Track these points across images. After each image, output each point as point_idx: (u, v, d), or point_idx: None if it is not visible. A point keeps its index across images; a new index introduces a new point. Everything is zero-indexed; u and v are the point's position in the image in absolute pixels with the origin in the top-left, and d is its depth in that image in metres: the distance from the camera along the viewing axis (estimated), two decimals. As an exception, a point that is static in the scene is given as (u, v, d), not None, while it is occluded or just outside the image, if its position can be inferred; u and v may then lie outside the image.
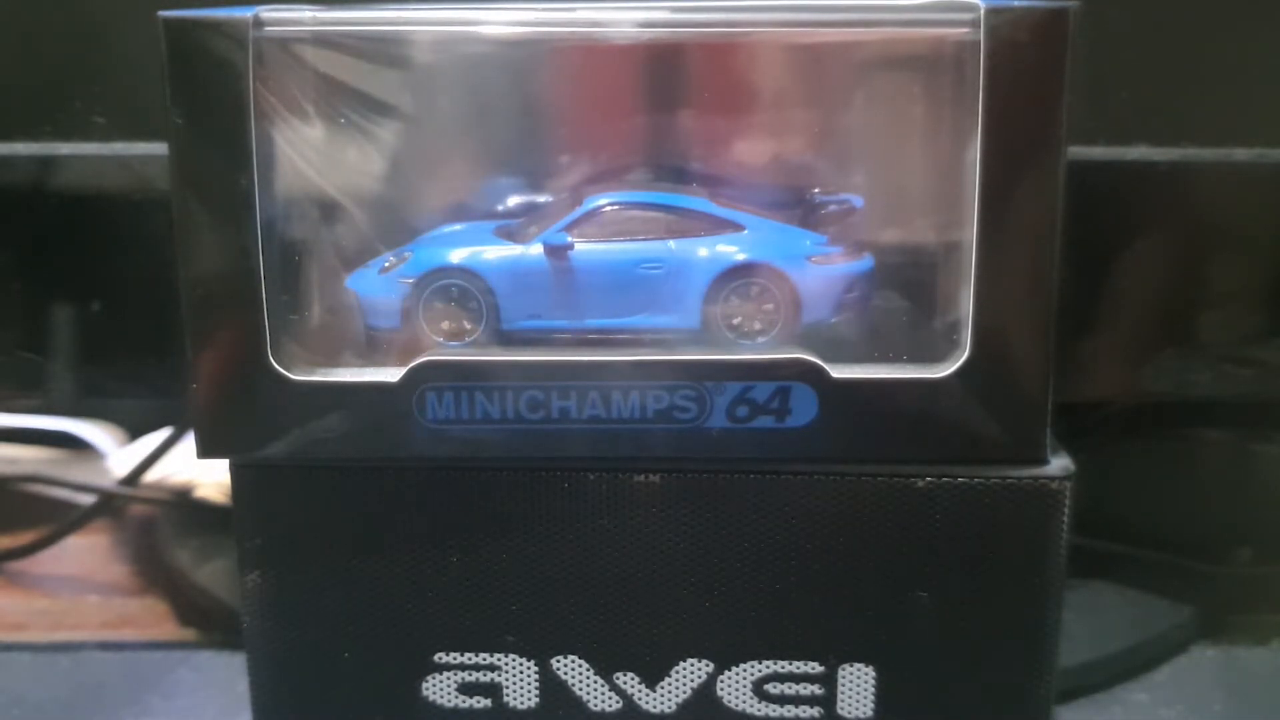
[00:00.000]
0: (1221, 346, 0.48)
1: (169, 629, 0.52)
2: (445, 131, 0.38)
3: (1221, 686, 0.46)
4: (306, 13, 0.33)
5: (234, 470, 0.36)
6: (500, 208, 0.39)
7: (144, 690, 0.46)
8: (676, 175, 0.37)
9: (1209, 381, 0.48)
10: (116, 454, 0.62)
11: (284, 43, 0.33)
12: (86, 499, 0.58)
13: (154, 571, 0.56)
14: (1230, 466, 0.52)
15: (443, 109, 0.37)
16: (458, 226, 0.38)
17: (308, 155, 0.35)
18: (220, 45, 0.32)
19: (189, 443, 0.55)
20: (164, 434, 0.56)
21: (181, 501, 0.56)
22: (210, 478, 0.56)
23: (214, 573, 0.52)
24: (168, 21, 0.32)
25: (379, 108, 0.36)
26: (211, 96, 0.33)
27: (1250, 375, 0.46)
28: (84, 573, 0.57)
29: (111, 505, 0.58)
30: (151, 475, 0.56)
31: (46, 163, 0.44)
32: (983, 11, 0.32)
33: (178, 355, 0.55)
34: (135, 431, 0.65)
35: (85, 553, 0.58)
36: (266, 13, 0.33)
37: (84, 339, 0.55)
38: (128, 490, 0.56)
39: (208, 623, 0.51)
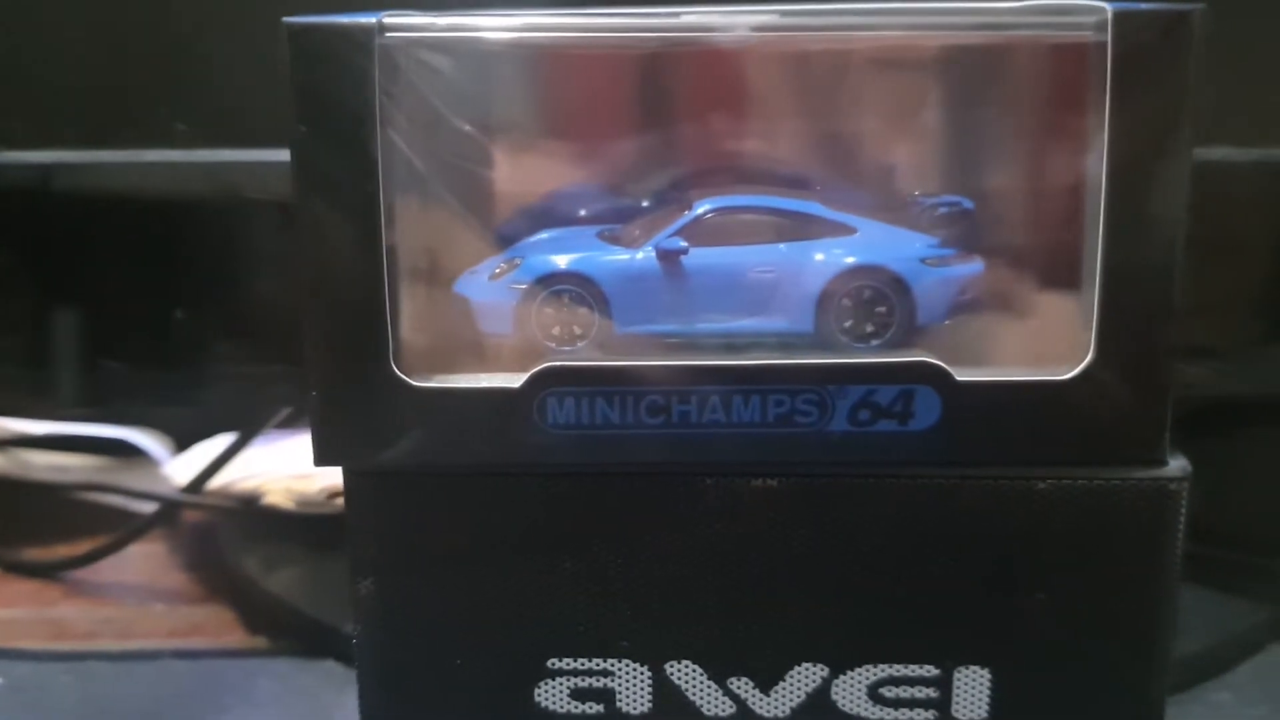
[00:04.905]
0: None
1: (238, 637, 0.51)
2: (557, 136, 0.37)
3: (1304, 686, 0.46)
4: (428, 18, 0.33)
5: (348, 478, 0.35)
6: (583, 212, 0.39)
7: (229, 699, 0.46)
8: (781, 179, 0.37)
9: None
10: (172, 461, 0.62)
11: (407, 48, 0.33)
12: (141, 506, 0.57)
13: (217, 579, 0.56)
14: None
15: (554, 114, 0.37)
16: (559, 231, 0.38)
17: (426, 159, 0.35)
18: (345, 51, 0.32)
19: (253, 449, 0.55)
20: (224, 441, 0.55)
21: (249, 509, 0.56)
22: (277, 485, 0.56)
23: (286, 580, 0.52)
24: (291, 28, 0.32)
25: (495, 113, 0.36)
26: (336, 103, 0.32)
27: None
28: (146, 580, 0.57)
29: (172, 513, 0.58)
30: (213, 483, 0.56)
31: (131, 170, 0.44)
32: (1110, 14, 0.32)
33: (229, 362, 0.55)
34: (180, 439, 0.65)
35: (144, 560, 0.58)
36: (390, 18, 0.33)
37: (144, 347, 0.55)
38: (192, 498, 0.55)
39: (279, 631, 0.51)
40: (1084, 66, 0.33)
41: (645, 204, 0.38)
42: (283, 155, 0.33)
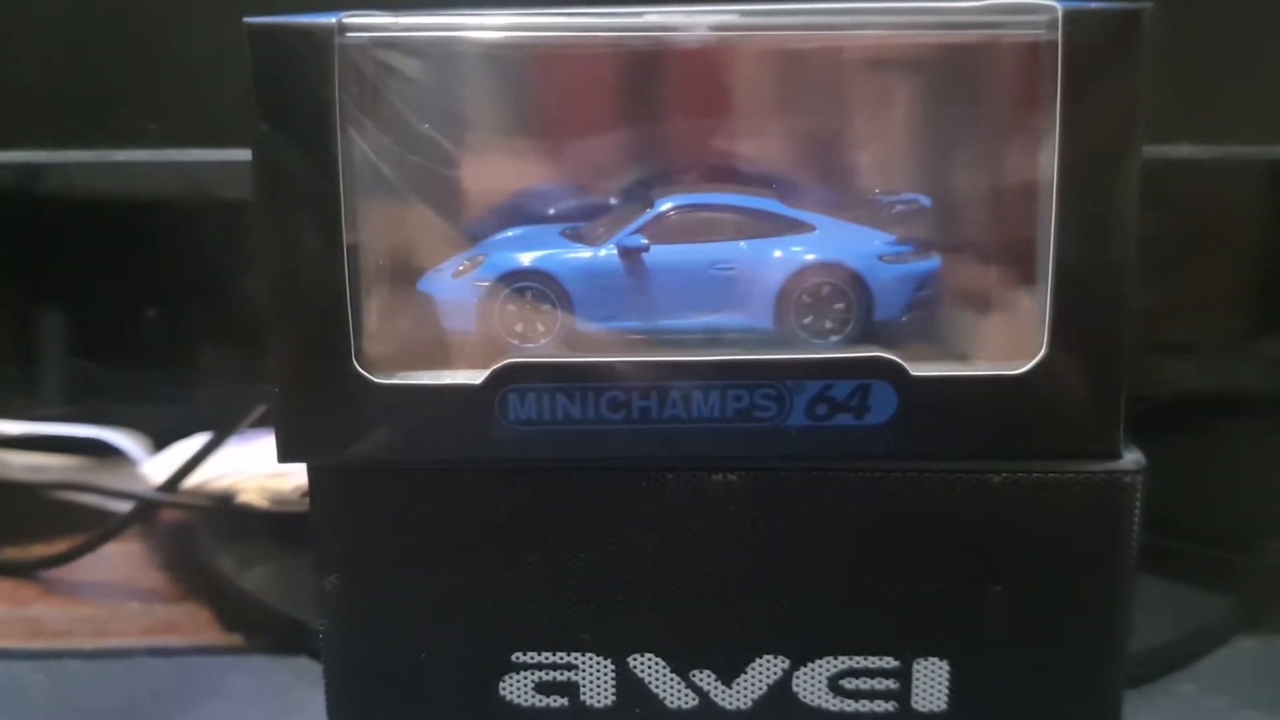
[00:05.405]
0: (1257, 341, 0.49)
1: (213, 634, 0.52)
2: (520, 135, 0.38)
3: (1267, 676, 0.46)
4: (389, 18, 0.33)
5: (313, 474, 0.36)
6: (551, 210, 0.39)
7: (202, 695, 0.46)
8: (743, 177, 0.38)
9: (1245, 375, 0.49)
10: (149, 461, 0.62)
11: (366, 48, 0.34)
12: (118, 505, 0.58)
13: (193, 577, 0.56)
14: (1267, 460, 0.52)
15: (518, 113, 0.37)
16: (523, 229, 0.39)
17: (388, 158, 0.35)
18: (305, 51, 0.32)
19: (227, 448, 0.55)
20: (200, 440, 0.56)
21: (223, 508, 0.56)
22: (251, 483, 0.56)
23: (260, 578, 0.52)
24: (252, 28, 0.32)
25: (458, 112, 0.36)
26: (296, 102, 0.33)
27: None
28: (122, 579, 0.57)
29: (148, 512, 0.58)
30: (188, 481, 0.56)
31: (105, 170, 0.44)
32: (1060, 13, 0.32)
33: (209, 361, 0.55)
34: (157, 439, 0.65)
35: (120, 559, 0.58)
36: (350, 18, 0.33)
37: (116, 347, 0.56)
38: (167, 497, 0.56)
39: (254, 628, 0.51)
40: (1037, 65, 0.33)
41: (613, 202, 0.39)
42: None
